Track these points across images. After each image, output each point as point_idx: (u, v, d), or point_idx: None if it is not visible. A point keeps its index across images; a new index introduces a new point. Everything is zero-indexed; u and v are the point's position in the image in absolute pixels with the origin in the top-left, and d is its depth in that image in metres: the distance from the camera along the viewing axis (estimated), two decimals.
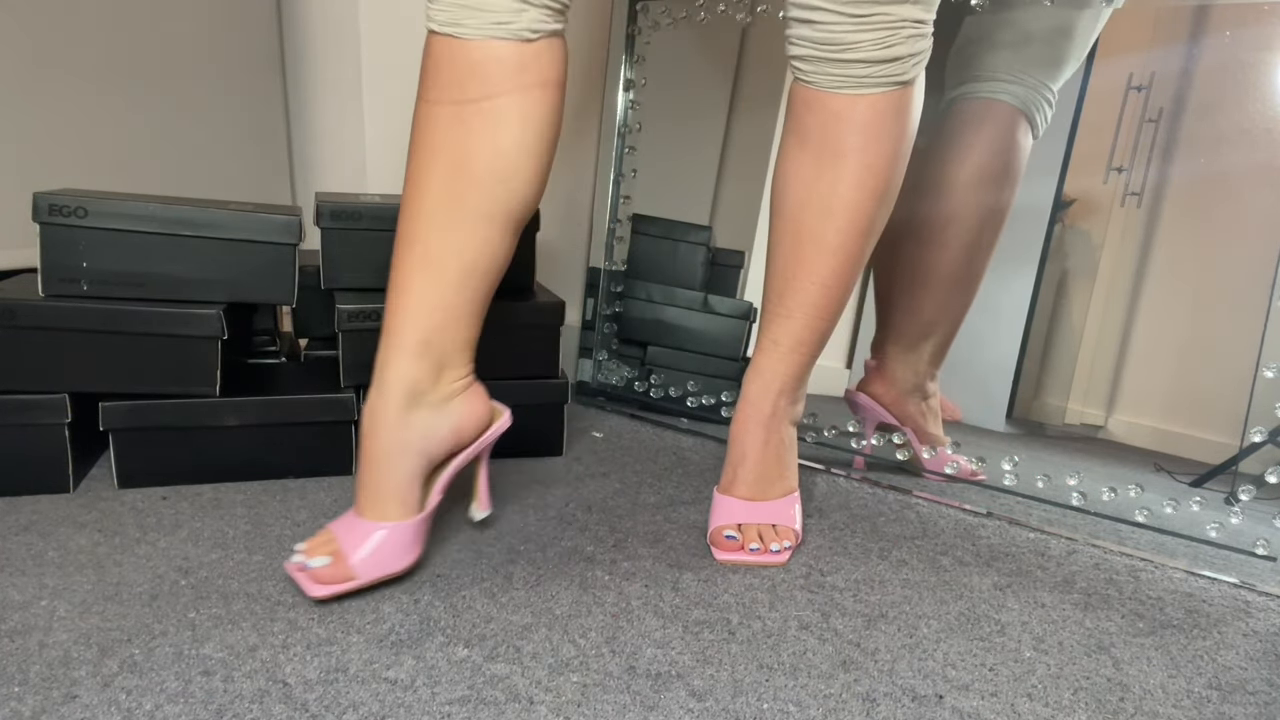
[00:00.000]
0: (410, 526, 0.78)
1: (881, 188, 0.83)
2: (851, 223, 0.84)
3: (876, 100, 0.79)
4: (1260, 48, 0.96)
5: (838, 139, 0.81)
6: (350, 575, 0.76)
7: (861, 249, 0.86)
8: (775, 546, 0.89)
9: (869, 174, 0.82)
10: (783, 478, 0.93)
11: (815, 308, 0.87)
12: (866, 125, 0.80)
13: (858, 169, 0.81)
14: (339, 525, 0.79)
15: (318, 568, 0.75)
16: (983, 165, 1.10)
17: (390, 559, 0.78)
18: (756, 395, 0.91)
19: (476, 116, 0.75)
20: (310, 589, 0.75)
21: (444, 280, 0.77)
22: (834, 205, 0.83)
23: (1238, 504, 0.94)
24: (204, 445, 1.00)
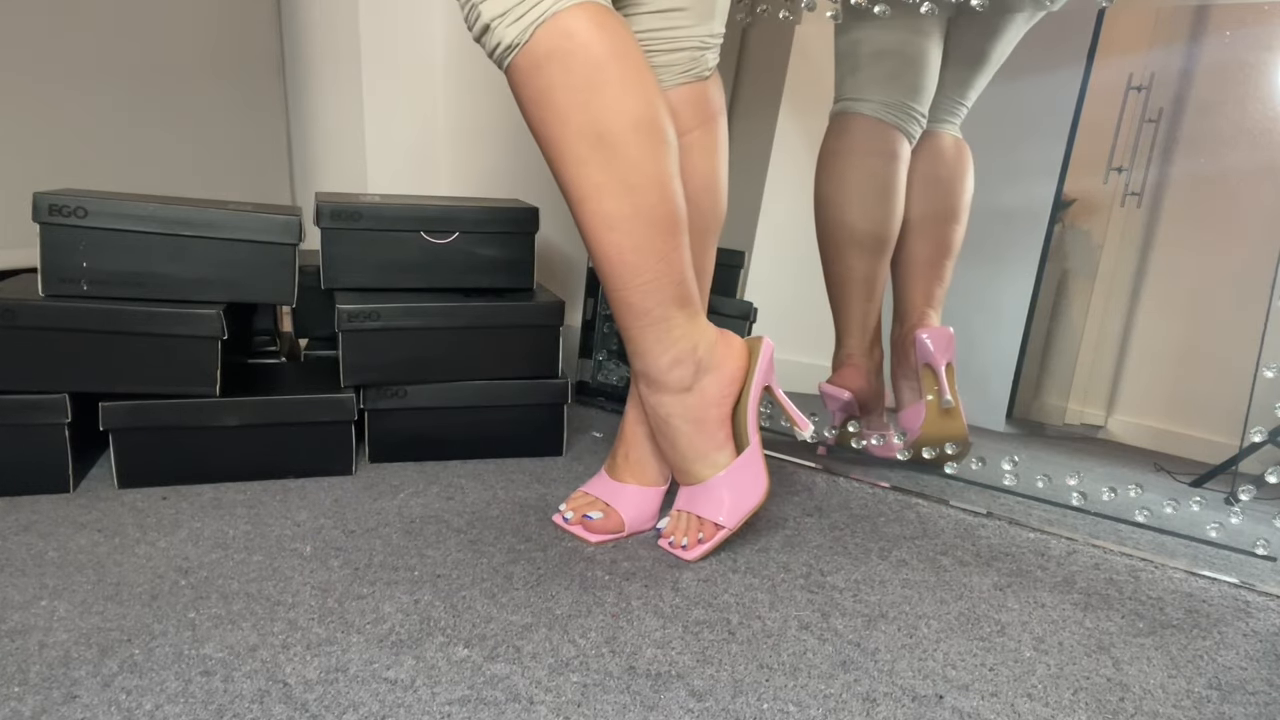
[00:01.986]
0: (662, 492, 0.95)
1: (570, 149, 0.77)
2: (567, 191, 0.80)
3: (511, 73, 0.77)
4: (1260, 48, 0.96)
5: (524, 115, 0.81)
6: (621, 526, 0.92)
7: (587, 216, 0.79)
8: (684, 541, 0.88)
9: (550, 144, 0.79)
10: (703, 458, 0.88)
11: (602, 279, 0.83)
12: (520, 96, 0.78)
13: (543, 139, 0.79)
14: (596, 488, 0.95)
15: (596, 520, 0.91)
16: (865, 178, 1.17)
17: (647, 516, 0.94)
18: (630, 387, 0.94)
19: (680, 153, 0.83)
20: (589, 538, 0.91)
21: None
22: (556, 177, 0.81)
23: (1238, 504, 0.94)
24: (204, 445, 1.00)
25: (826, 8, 1.18)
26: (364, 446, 1.12)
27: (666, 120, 0.78)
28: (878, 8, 1.11)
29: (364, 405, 1.07)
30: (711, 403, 0.88)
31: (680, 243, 0.81)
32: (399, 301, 1.07)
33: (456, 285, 1.16)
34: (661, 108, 0.78)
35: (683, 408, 0.87)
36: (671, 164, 0.79)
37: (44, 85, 1.29)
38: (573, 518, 0.92)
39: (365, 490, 1.02)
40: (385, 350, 1.07)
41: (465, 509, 0.98)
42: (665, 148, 0.78)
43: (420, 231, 1.13)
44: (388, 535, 0.90)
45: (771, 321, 1.29)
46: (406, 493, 1.02)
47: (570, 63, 0.74)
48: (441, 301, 1.09)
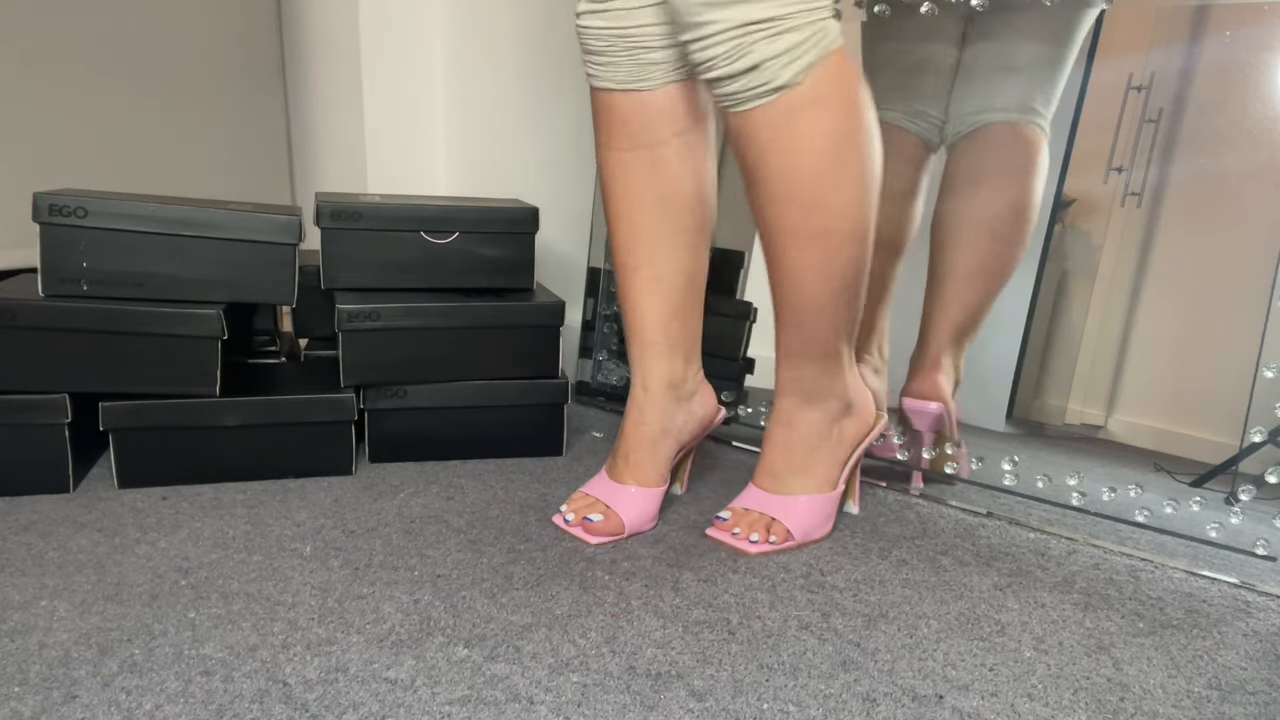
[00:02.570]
0: (661, 493, 0.96)
1: (802, 196, 0.78)
2: (784, 235, 0.81)
3: (757, 114, 0.75)
4: (1260, 48, 0.96)
5: (742, 157, 0.79)
6: (621, 528, 0.91)
7: (801, 261, 0.81)
8: (754, 536, 0.90)
9: (782, 185, 0.78)
10: (804, 475, 0.94)
11: (788, 316, 0.86)
12: (759, 140, 0.77)
13: (769, 183, 0.78)
14: (596, 489, 0.95)
15: (596, 522, 0.91)
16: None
17: (648, 519, 0.94)
18: (776, 395, 0.94)
19: (673, 153, 0.85)
20: (588, 540, 0.91)
21: (674, 292, 0.91)
22: (764, 219, 0.81)
23: (1238, 504, 0.94)
24: (204, 445, 1.00)
25: None
26: (364, 446, 1.12)
27: (879, 174, 0.81)
28: (877, 7, 1.11)
29: (364, 405, 1.07)
30: (845, 441, 0.95)
31: (864, 288, 0.85)
32: (399, 301, 1.07)
33: (456, 285, 1.16)
34: (880, 165, 0.81)
35: (822, 432, 0.93)
36: (874, 215, 0.82)
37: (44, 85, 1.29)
38: (573, 519, 0.92)
39: (365, 490, 1.02)
40: (385, 350, 1.07)
41: (465, 509, 0.98)
42: (874, 203, 0.82)
43: (420, 231, 1.13)
44: (388, 535, 0.90)
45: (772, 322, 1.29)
46: (406, 493, 1.02)
47: (828, 113, 0.75)
48: (441, 301, 1.09)
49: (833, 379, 0.91)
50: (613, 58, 0.83)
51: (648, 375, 0.94)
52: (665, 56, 0.82)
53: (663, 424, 0.94)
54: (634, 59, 0.82)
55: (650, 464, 0.95)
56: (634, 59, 0.82)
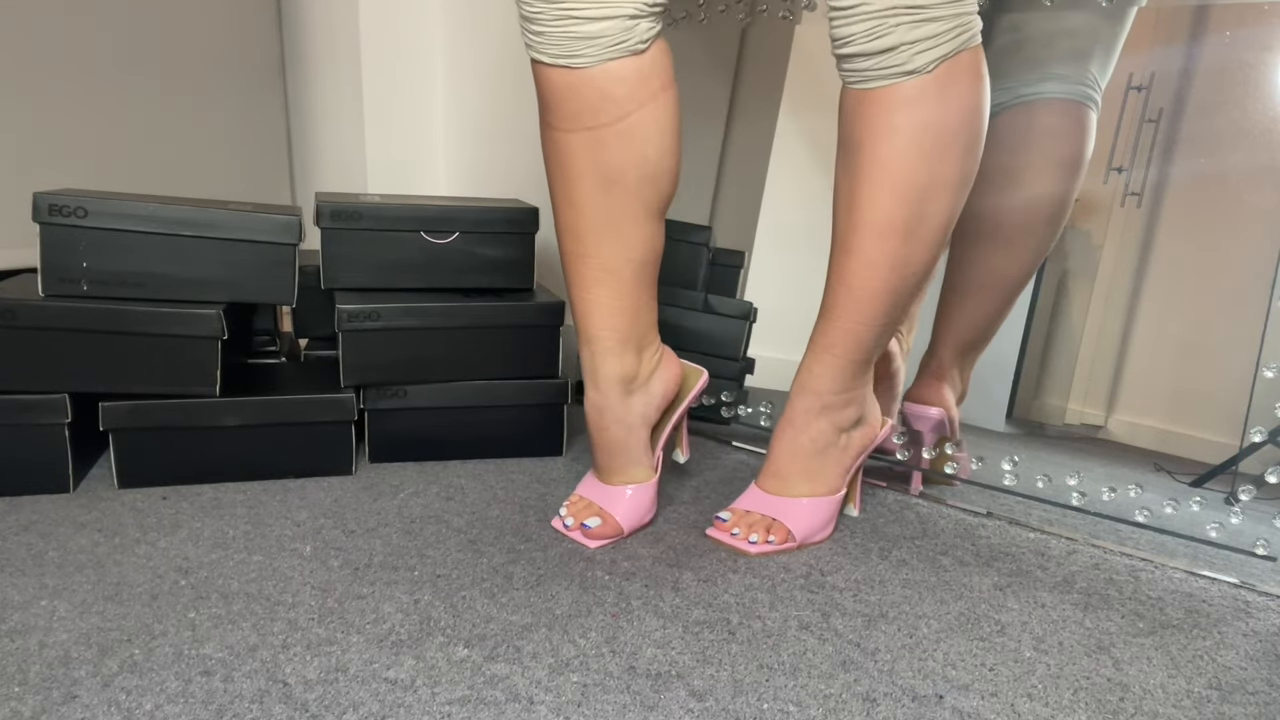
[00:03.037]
0: (653, 484, 0.94)
1: (900, 186, 0.77)
2: (867, 222, 0.80)
3: (881, 94, 0.76)
4: (1260, 48, 0.96)
5: (849, 135, 0.80)
6: (619, 529, 0.91)
7: (883, 252, 0.80)
8: (754, 537, 0.90)
9: (882, 171, 0.77)
10: (808, 479, 0.93)
11: (842, 309, 0.85)
12: (873, 120, 0.77)
13: (870, 166, 0.78)
14: (590, 491, 0.94)
15: (594, 527, 0.90)
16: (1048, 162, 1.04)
17: (644, 513, 0.94)
18: (792, 395, 0.92)
19: (616, 138, 0.79)
20: (588, 544, 0.90)
21: (623, 281, 0.86)
22: (852, 203, 0.81)
23: (1238, 504, 0.94)
24: (204, 445, 1.00)
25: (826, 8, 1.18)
26: (364, 446, 1.12)
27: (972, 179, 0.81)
28: None
29: (364, 405, 1.07)
30: (853, 450, 0.95)
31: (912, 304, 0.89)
32: (399, 301, 1.07)
33: (456, 285, 1.16)
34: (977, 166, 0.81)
35: (833, 439, 0.93)
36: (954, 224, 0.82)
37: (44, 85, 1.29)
38: (572, 524, 0.92)
39: (365, 490, 1.02)
40: (385, 350, 1.07)
41: (465, 509, 0.98)
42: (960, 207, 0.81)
43: (420, 231, 1.13)
44: (388, 535, 0.90)
45: (772, 322, 1.29)
46: (406, 493, 1.02)
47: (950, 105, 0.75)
48: (441, 301, 1.09)
49: (856, 385, 0.90)
50: (543, 27, 0.76)
51: (597, 373, 0.90)
52: (599, 30, 0.74)
53: (624, 423, 0.91)
54: (564, 30, 0.75)
55: (630, 463, 0.93)
56: (564, 30, 0.75)
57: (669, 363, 0.95)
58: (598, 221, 0.83)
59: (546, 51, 0.77)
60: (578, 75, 0.77)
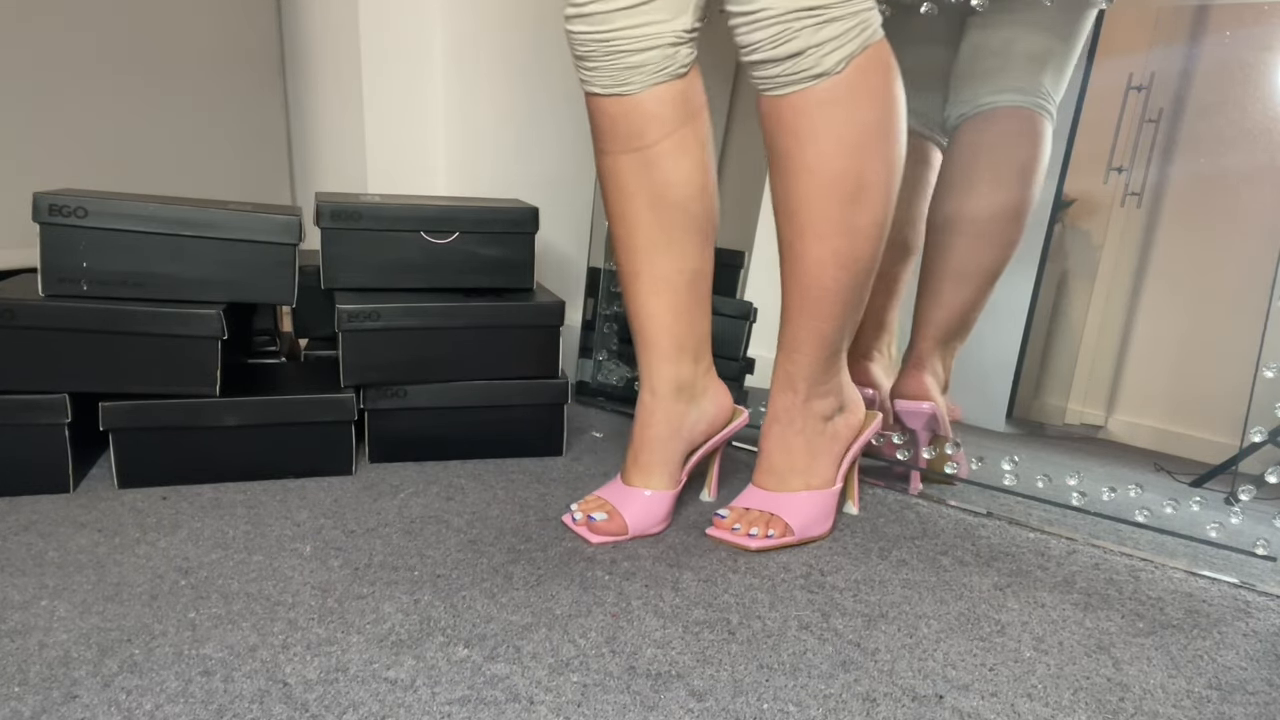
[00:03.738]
0: (671, 496, 0.95)
1: (832, 188, 0.80)
2: (807, 226, 0.83)
3: (795, 100, 0.78)
4: (1260, 48, 0.96)
5: (773, 143, 0.82)
6: (624, 529, 0.92)
7: (829, 251, 0.83)
8: (754, 531, 0.91)
9: (810, 175, 0.80)
10: (803, 473, 0.94)
11: (800, 310, 0.88)
12: (793, 126, 0.79)
13: (799, 171, 0.81)
14: (607, 491, 0.95)
15: (599, 521, 0.91)
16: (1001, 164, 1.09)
17: (655, 521, 0.94)
18: (772, 394, 0.94)
19: (662, 156, 0.86)
20: (590, 538, 0.91)
21: (678, 291, 0.91)
22: (789, 209, 0.84)
23: (1238, 504, 0.94)
24: (204, 445, 1.00)
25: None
26: (364, 446, 1.12)
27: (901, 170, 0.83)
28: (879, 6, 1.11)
29: (364, 405, 1.07)
30: (839, 437, 0.96)
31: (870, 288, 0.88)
32: (399, 301, 1.07)
33: (456, 285, 1.16)
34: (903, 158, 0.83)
35: (819, 428, 0.94)
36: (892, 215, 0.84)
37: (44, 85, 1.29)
38: (580, 518, 0.92)
39: (365, 490, 1.02)
40: (385, 350, 1.07)
41: (465, 509, 0.98)
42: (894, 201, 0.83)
43: (420, 231, 1.13)
44: (388, 535, 0.90)
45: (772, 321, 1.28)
46: (406, 493, 1.02)
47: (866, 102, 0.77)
48: (441, 301, 1.09)
49: (831, 375, 0.92)
50: (596, 63, 0.84)
51: (654, 378, 0.94)
52: (644, 60, 0.82)
53: (670, 426, 0.94)
54: (614, 64, 0.82)
55: (658, 466, 0.95)
56: (614, 64, 0.82)
57: (723, 390, 1.00)
58: (650, 236, 0.89)
59: (599, 84, 0.84)
60: (628, 101, 0.84)
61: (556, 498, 1.02)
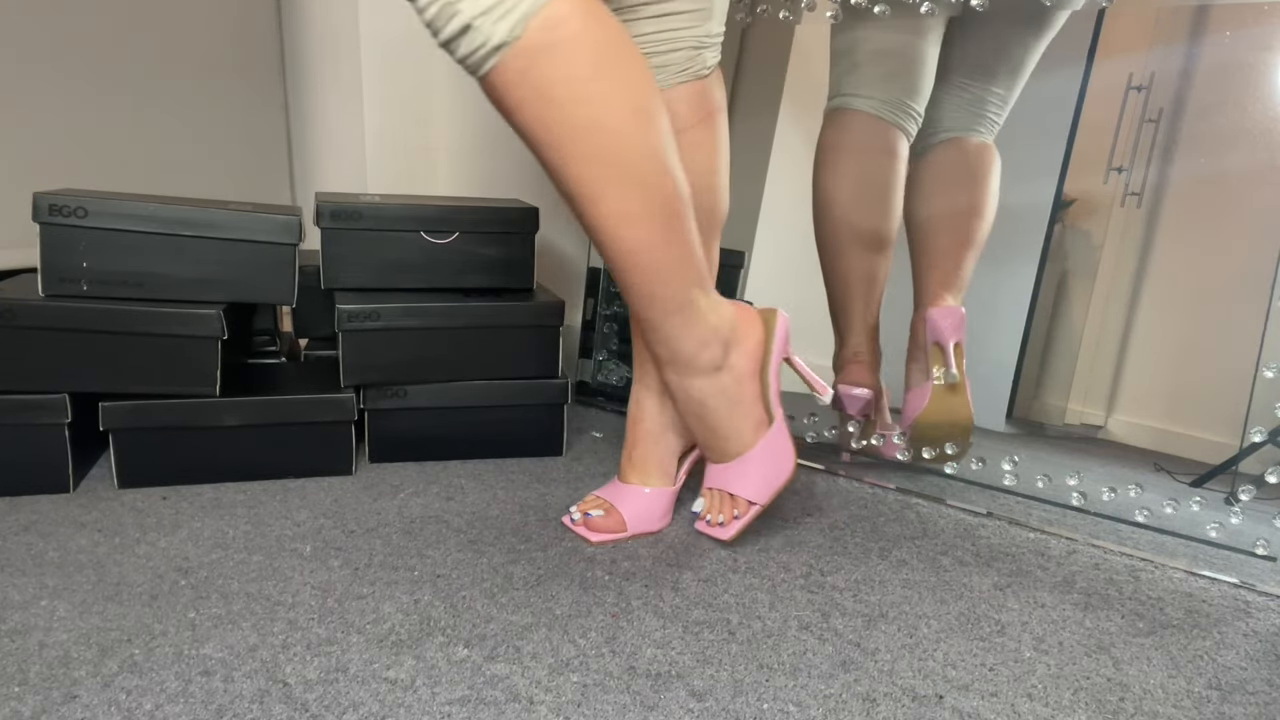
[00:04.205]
0: (669, 493, 0.95)
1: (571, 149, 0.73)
2: (570, 192, 0.77)
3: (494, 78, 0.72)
4: (1260, 48, 0.96)
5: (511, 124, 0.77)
6: (623, 526, 0.91)
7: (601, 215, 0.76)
8: (721, 519, 0.91)
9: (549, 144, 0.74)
10: (736, 435, 0.89)
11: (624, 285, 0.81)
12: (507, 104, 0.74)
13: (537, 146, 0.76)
14: (606, 491, 0.95)
15: (596, 518, 0.91)
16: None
17: (654, 518, 0.94)
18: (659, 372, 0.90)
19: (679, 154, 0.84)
20: (590, 537, 0.91)
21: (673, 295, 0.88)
22: (556, 184, 0.78)
23: (1238, 504, 0.94)
24: (204, 445, 1.00)
25: (826, 8, 1.18)
26: (364, 446, 1.12)
27: (659, 102, 0.76)
28: (877, 8, 1.11)
29: (364, 405, 1.07)
30: (746, 377, 0.89)
31: (690, 223, 0.81)
32: (399, 301, 1.07)
33: (456, 285, 1.16)
34: (654, 89, 0.76)
35: (718, 387, 0.87)
36: (671, 146, 0.77)
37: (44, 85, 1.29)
38: (579, 518, 0.92)
39: (365, 490, 1.02)
40: (385, 350, 1.07)
41: (465, 509, 0.98)
42: (664, 131, 0.76)
43: (420, 231, 1.13)
44: (388, 535, 0.90)
45: None
46: (406, 493, 1.02)
47: (568, 54, 0.70)
48: (441, 301, 1.09)
49: (694, 327, 0.84)
50: None
51: (646, 374, 0.94)
52: (668, 61, 0.85)
53: (661, 420, 0.94)
54: None
55: (652, 461, 0.95)
56: None
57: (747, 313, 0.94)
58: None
59: None
60: None
61: (556, 498, 1.02)
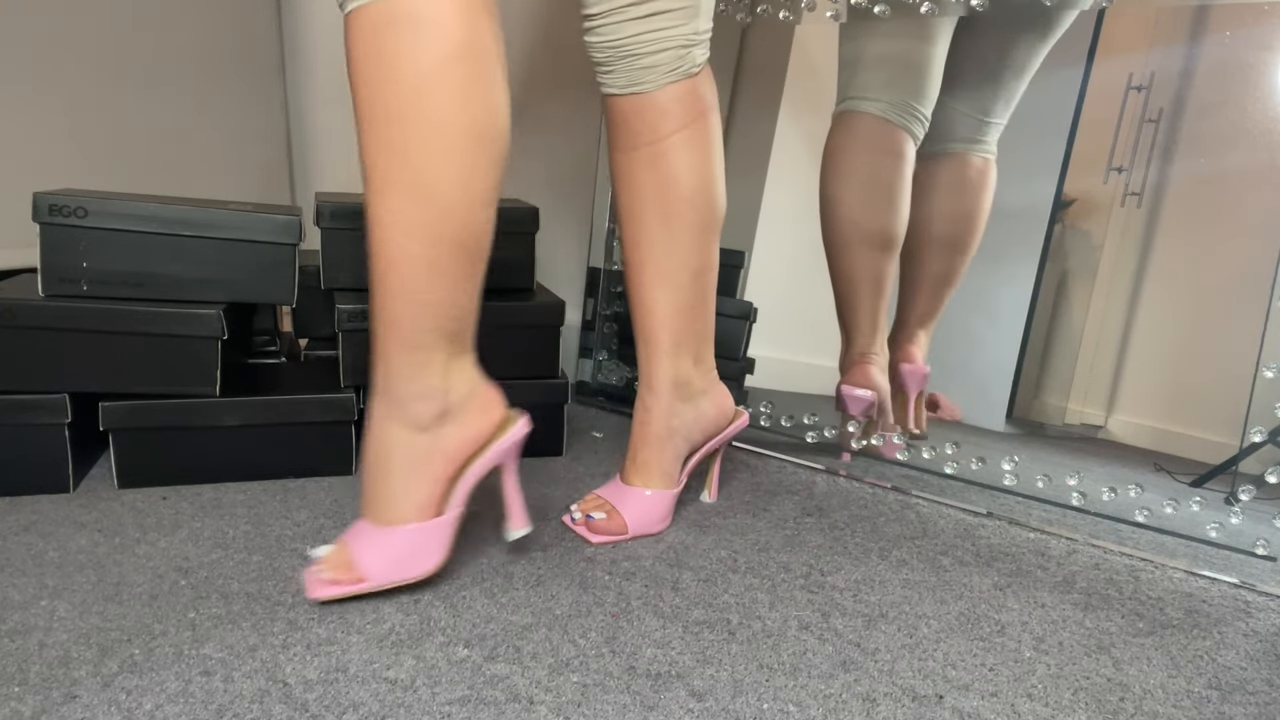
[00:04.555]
0: (671, 496, 0.95)
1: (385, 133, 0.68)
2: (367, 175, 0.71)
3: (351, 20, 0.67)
4: (1260, 48, 0.96)
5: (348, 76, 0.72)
6: (624, 528, 0.91)
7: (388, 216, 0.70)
8: (327, 575, 0.76)
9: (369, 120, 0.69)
10: (393, 501, 0.76)
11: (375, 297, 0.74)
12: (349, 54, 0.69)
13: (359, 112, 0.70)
14: (607, 491, 0.95)
15: (599, 520, 0.91)
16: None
17: (654, 520, 0.94)
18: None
19: (671, 151, 0.87)
20: (590, 538, 0.91)
21: (679, 288, 0.91)
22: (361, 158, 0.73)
23: (1238, 504, 0.94)
24: (204, 445, 1.00)
25: (826, 8, 1.18)
26: None
27: (504, 139, 0.71)
28: (878, 8, 1.11)
29: (364, 405, 1.07)
30: (446, 455, 0.76)
31: (478, 276, 0.74)
32: None
33: None
34: (504, 123, 0.70)
35: (412, 446, 0.75)
36: (495, 188, 0.72)
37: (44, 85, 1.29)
38: (580, 518, 0.92)
39: None
40: None
41: None
42: (494, 168, 0.71)
43: None
44: None
45: (772, 321, 1.29)
46: None
47: (421, 38, 0.64)
48: None
49: (424, 377, 0.74)
50: (611, 66, 0.86)
51: (652, 374, 0.94)
52: (657, 61, 0.85)
53: (667, 423, 0.94)
54: (629, 66, 0.85)
55: (656, 464, 0.94)
56: (629, 66, 0.85)
57: (723, 392, 0.99)
58: (655, 231, 0.90)
59: (615, 85, 0.87)
60: (643, 99, 0.86)
61: (556, 498, 1.02)
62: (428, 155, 0.68)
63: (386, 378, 0.74)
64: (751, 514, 1.01)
